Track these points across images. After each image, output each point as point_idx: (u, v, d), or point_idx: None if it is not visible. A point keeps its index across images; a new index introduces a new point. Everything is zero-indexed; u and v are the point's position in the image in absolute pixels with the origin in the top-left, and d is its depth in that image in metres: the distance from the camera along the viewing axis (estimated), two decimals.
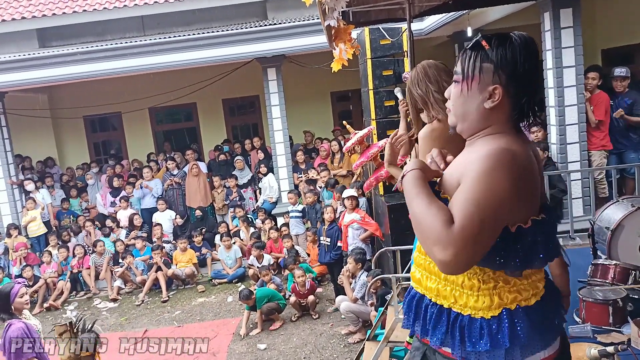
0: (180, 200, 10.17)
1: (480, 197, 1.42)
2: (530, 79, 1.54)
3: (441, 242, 1.40)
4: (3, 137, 9.77)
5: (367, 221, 6.99)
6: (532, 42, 1.55)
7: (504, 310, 1.56)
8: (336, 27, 3.88)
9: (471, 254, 1.40)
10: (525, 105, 1.56)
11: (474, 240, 1.39)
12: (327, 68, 4.81)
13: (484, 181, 1.44)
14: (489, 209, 1.41)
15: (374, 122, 6.55)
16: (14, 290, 4.12)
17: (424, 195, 1.53)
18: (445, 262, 1.40)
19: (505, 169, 1.44)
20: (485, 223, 1.41)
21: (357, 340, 5.97)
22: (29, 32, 11.11)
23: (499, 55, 1.53)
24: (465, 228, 1.39)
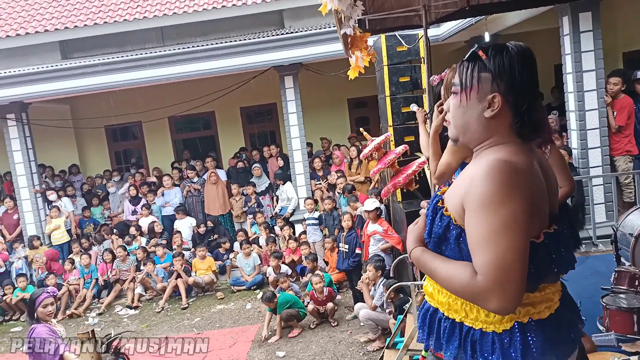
0: (200, 208, 10.24)
1: (496, 232, 1.41)
2: (528, 87, 1.54)
3: (479, 296, 1.42)
4: (27, 147, 9.96)
5: (389, 234, 6.96)
6: (528, 51, 1.56)
7: (516, 323, 1.53)
8: (352, 35, 3.89)
9: (514, 287, 1.40)
10: (525, 113, 1.54)
11: (508, 278, 1.39)
12: (344, 75, 4.82)
13: (492, 211, 1.41)
14: (509, 241, 1.40)
15: (391, 128, 6.55)
16: (40, 298, 4.21)
17: (437, 263, 1.58)
18: (497, 310, 1.42)
19: (511, 187, 1.42)
20: (509, 255, 1.40)
21: (377, 348, 5.93)
22: (51, 44, 11.36)
23: (497, 64, 1.54)
24: (490, 273, 1.40)
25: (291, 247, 8.71)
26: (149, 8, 11.41)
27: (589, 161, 6.51)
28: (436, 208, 1.65)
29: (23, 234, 9.99)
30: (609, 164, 6.59)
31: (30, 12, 11.95)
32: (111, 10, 11.57)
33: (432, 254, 1.62)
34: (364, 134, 5.27)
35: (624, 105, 6.58)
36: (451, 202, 1.58)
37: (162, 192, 10.34)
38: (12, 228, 10.14)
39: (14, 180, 10.07)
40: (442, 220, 1.61)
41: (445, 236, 1.60)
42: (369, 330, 6.21)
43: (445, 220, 1.60)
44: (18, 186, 9.96)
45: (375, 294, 6.23)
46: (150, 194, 10.32)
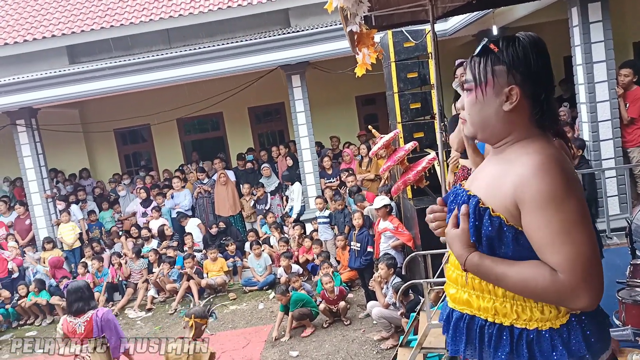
0: (210, 209, 10.26)
1: (568, 227, 1.40)
2: (544, 76, 1.52)
3: (567, 295, 1.41)
4: (37, 152, 10.02)
5: (400, 231, 6.93)
6: (540, 40, 1.53)
7: (572, 316, 1.51)
8: (359, 32, 3.86)
9: (598, 280, 1.40)
10: (544, 103, 1.51)
11: (591, 272, 1.40)
12: (351, 73, 4.79)
13: (559, 207, 1.40)
14: (582, 234, 1.40)
15: (400, 125, 6.51)
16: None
17: (504, 268, 1.51)
18: (587, 306, 1.41)
19: (569, 181, 1.41)
20: (586, 249, 1.40)
21: (390, 346, 5.91)
22: (59, 49, 11.42)
23: (510, 55, 1.50)
24: (575, 269, 1.39)
25: (306, 245, 8.70)
26: (155, 11, 11.44)
27: (601, 153, 6.43)
28: (479, 210, 1.56)
29: (35, 238, 10.06)
30: (622, 156, 6.51)
31: (37, 18, 12.02)
32: (117, 14, 11.61)
33: (493, 259, 1.54)
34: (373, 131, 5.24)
35: (637, 97, 6.48)
36: (498, 203, 1.52)
37: (172, 194, 10.36)
38: (24, 233, 10.21)
39: (25, 185, 10.13)
40: (492, 222, 1.53)
41: (499, 237, 1.53)
42: (382, 328, 6.18)
43: (496, 221, 1.53)
44: (29, 191, 10.03)
45: (387, 291, 6.20)
46: (159, 196, 10.35)
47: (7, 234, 10.03)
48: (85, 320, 4.51)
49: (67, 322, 4.59)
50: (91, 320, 4.52)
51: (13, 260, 9.56)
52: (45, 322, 8.83)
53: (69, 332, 4.54)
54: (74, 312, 4.55)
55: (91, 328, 4.49)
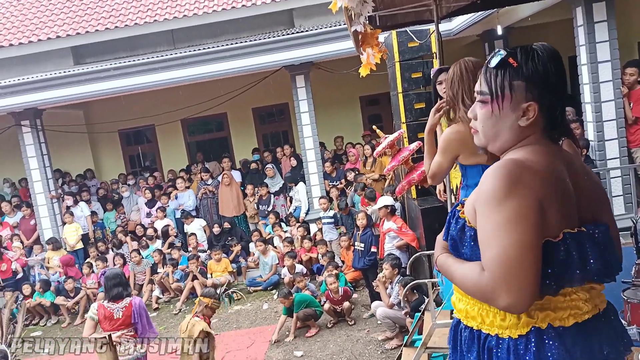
0: (214, 210, 10.27)
1: (498, 228, 1.37)
2: (562, 90, 1.51)
3: (487, 293, 1.39)
4: (42, 153, 10.05)
5: (404, 231, 6.93)
6: (556, 52, 1.51)
7: (533, 328, 1.45)
8: (363, 32, 3.87)
9: (521, 282, 1.35)
10: (559, 116, 1.52)
11: (513, 272, 1.35)
12: (356, 73, 4.80)
13: (495, 207, 1.39)
14: (511, 236, 1.36)
15: (404, 125, 6.51)
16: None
17: (454, 266, 1.57)
18: (507, 307, 1.38)
19: (514, 183, 1.38)
20: (515, 250, 1.35)
21: (394, 346, 5.90)
22: (64, 50, 11.46)
23: (530, 70, 1.48)
24: (495, 269, 1.37)
25: (306, 246, 8.69)
26: (159, 11, 11.46)
27: (606, 153, 6.41)
28: (454, 212, 1.64)
29: (40, 239, 10.09)
30: (627, 156, 6.49)
31: (42, 19, 12.07)
32: (122, 15, 11.64)
33: (453, 258, 1.61)
34: (377, 131, 5.24)
35: None
36: (467, 205, 1.58)
37: (176, 194, 10.38)
38: (29, 234, 10.24)
39: (30, 186, 10.17)
40: (457, 223, 1.59)
41: (461, 238, 1.57)
42: (387, 328, 6.18)
43: (461, 222, 1.58)
44: (34, 192, 10.06)
45: (392, 292, 6.20)
46: (164, 196, 10.38)
47: (12, 234, 10.07)
48: (124, 306, 4.60)
49: (103, 307, 4.63)
50: (130, 306, 4.62)
51: (17, 261, 9.59)
52: (50, 322, 8.87)
53: (105, 318, 4.59)
54: (113, 297, 4.63)
55: (130, 313, 4.58)
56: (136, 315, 4.60)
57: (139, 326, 4.60)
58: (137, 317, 4.60)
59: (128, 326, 4.59)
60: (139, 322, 4.60)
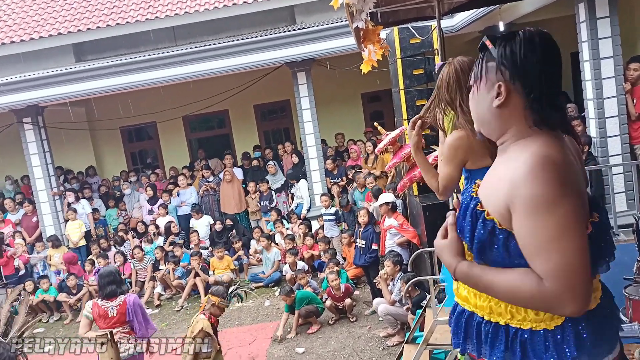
0: (216, 207, 10.28)
1: (556, 235, 1.35)
2: (537, 72, 1.46)
3: (553, 303, 1.38)
4: (44, 150, 10.06)
5: (405, 227, 6.93)
6: (540, 34, 1.48)
7: (567, 318, 1.47)
8: (364, 29, 3.86)
9: (585, 288, 1.37)
10: (534, 102, 1.47)
11: (578, 280, 1.35)
12: (357, 70, 4.78)
13: (549, 213, 1.35)
14: (571, 242, 1.35)
15: (406, 122, 6.49)
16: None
17: (492, 276, 1.49)
18: (573, 313, 1.38)
19: (561, 185, 1.36)
20: (574, 257, 1.35)
21: (396, 342, 5.91)
22: (65, 47, 11.45)
23: (500, 51, 1.50)
24: (560, 278, 1.35)
25: (307, 243, 8.70)
26: (161, 8, 11.45)
27: (608, 150, 6.39)
28: (475, 212, 1.54)
29: (42, 236, 10.11)
30: (629, 152, 6.46)
31: (43, 16, 12.06)
32: (123, 12, 11.63)
33: (481, 267, 1.53)
34: (378, 128, 5.23)
35: None
36: (492, 205, 1.50)
37: (178, 191, 10.39)
38: (31, 231, 10.26)
39: (32, 183, 10.19)
40: (485, 225, 1.51)
41: (491, 241, 1.51)
42: (388, 325, 6.18)
43: (489, 224, 1.50)
44: (36, 189, 10.07)
45: (393, 288, 6.20)
46: (165, 193, 10.39)
47: (14, 231, 10.09)
48: (118, 304, 4.58)
49: (97, 305, 4.62)
50: (124, 304, 4.59)
51: (19, 258, 9.61)
52: (53, 319, 8.89)
53: (99, 316, 4.58)
54: (107, 295, 4.61)
55: (124, 311, 4.56)
56: (131, 313, 4.57)
57: (134, 324, 4.57)
58: (132, 314, 4.58)
59: (123, 324, 4.58)
60: (134, 320, 4.57)
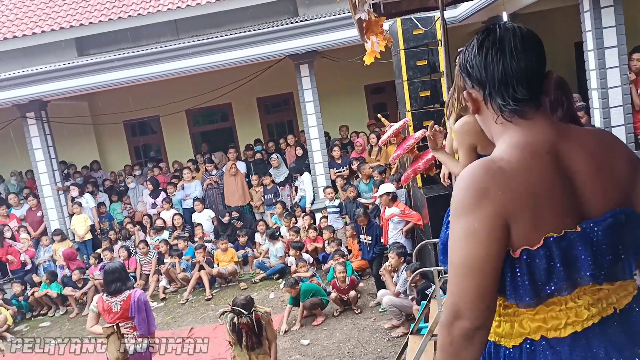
0: (220, 200, 10.29)
1: (452, 247, 1.35)
2: (480, 69, 1.40)
3: (447, 316, 1.35)
4: (47, 145, 10.08)
5: (407, 213, 6.94)
6: (484, 31, 1.44)
7: (527, 339, 1.38)
8: (367, 20, 3.84)
9: (471, 305, 1.31)
10: (489, 98, 1.41)
11: (462, 295, 1.32)
12: (360, 61, 4.77)
13: (456, 221, 1.35)
14: (462, 254, 1.32)
15: (409, 113, 6.48)
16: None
17: None
18: (464, 329, 1.32)
19: (475, 197, 1.31)
20: (462, 269, 1.32)
21: (401, 334, 5.93)
22: (67, 41, 11.45)
23: (459, 60, 1.50)
24: (450, 292, 1.34)
25: (311, 236, 8.71)
26: (163, 1, 11.42)
27: None
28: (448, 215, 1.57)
29: (47, 230, 10.15)
30: (634, 142, 6.44)
31: (45, 10, 12.05)
32: (125, 5, 11.61)
33: None
34: (382, 120, 5.22)
35: None
36: None
37: (182, 185, 10.41)
38: (36, 225, 10.30)
39: (36, 178, 10.22)
40: (447, 228, 1.51)
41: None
42: (393, 316, 6.20)
43: None
44: (40, 184, 10.11)
45: (398, 280, 6.21)
46: (170, 187, 10.40)
47: (18, 226, 10.13)
48: (122, 300, 4.56)
49: (102, 300, 4.63)
50: (129, 300, 4.56)
51: (26, 252, 9.66)
52: (59, 313, 8.93)
53: (104, 311, 4.59)
54: (112, 291, 4.60)
55: (127, 307, 4.54)
56: (134, 309, 4.54)
57: (135, 320, 4.55)
58: (135, 310, 4.55)
59: (126, 319, 4.56)
60: (136, 316, 4.54)
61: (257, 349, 4.63)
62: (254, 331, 4.58)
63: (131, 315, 4.56)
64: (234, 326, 4.61)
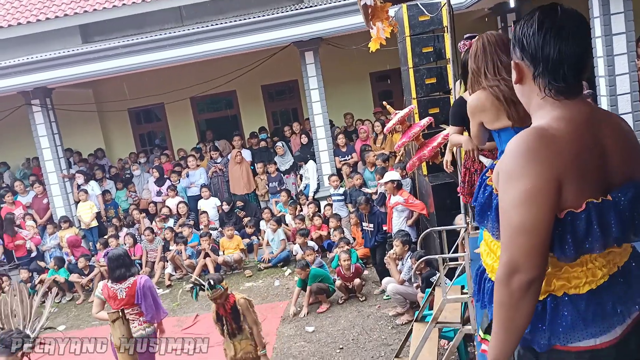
0: (225, 187, 10.30)
1: (508, 208, 1.46)
2: (536, 47, 1.50)
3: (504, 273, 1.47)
4: (53, 132, 10.09)
5: (411, 202, 6.93)
6: (542, 10, 1.53)
7: (550, 296, 1.56)
8: (373, 6, 3.80)
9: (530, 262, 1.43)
10: (539, 75, 1.52)
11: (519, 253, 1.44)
12: (365, 48, 4.73)
13: (509, 186, 1.45)
14: (521, 216, 1.43)
15: (415, 100, 6.45)
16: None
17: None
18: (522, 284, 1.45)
19: (530, 161, 1.43)
20: (523, 231, 1.43)
21: (405, 321, 5.94)
22: (71, 28, 11.41)
23: (513, 32, 1.59)
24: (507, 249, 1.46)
25: (316, 223, 8.71)
26: None
27: None
28: (484, 180, 1.73)
29: (53, 217, 10.19)
30: None
31: None
32: None
33: None
34: (387, 107, 5.20)
35: None
36: (495, 173, 1.62)
37: (187, 172, 10.42)
38: (42, 212, 10.34)
39: (41, 165, 10.25)
40: (485, 190, 1.71)
41: (488, 205, 1.69)
42: (397, 304, 6.21)
43: (488, 190, 1.69)
44: (46, 171, 10.14)
45: (402, 268, 6.21)
46: (174, 174, 10.41)
47: (24, 213, 10.17)
48: (127, 286, 4.56)
49: (107, 287, 4.64)
50: (134, 286, 4.56)
51: (31, 240, 9.72)
52: (65, 299, 9.01)
53: (109, 298, 4.61)
54: (116, 278, 4.61)
55: (133, 294, 4.54)
56: (140, 296, 4.55)
57: (142, 307, 4.56)
58: (141, 297, 4.55)
59: (132, 306, 4.57)
60: (143, 303, 4.55)
61: (238, 335, 4.67)
62: (233, 317, 4.62)
63: (137, 302, 4.56)
64: (217, 315, 4.67)
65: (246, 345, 4.68)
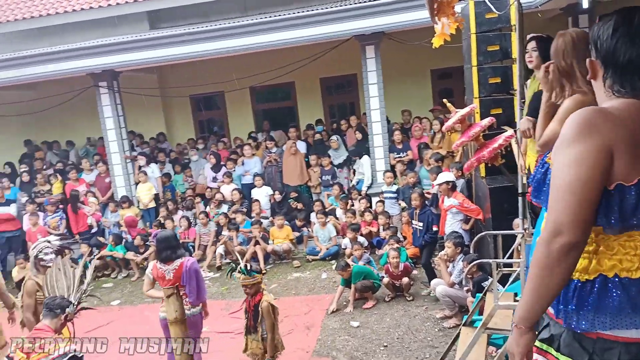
0: (278, 178, 10.40)
1: (559, 171, 1.51)
2: (608, 49, 1.56)
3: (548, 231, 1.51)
4: (118, 115, 10.46)
5: (466, 206, 6.77)
6: (619, 13, 1.56)
7: (600, 276, 1.57)
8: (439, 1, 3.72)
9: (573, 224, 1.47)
10: (609, 76, 1.58)
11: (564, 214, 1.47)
12: (427, 44, 4.62)
13: (562, 151, 1.51)
14: (569, 176, 1.48)
15: (477, 100, 6.29)
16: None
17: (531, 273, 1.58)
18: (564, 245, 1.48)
19: (583, 129, 1.48)
20: (569, 190, 1.47)
21: (453, 325, 5.83)
22: (140, 14, 11.76)
23: (591, 32, 1.64)
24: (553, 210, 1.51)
25: (367, 219, 8.67)
26: None
27: None
28: (544, 158, 1.83)
29: (114, 196, 10.58)
30: None
31: None
32: None
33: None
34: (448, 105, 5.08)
35: None
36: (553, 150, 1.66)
37: (243, 161, 10.57)
38: (104, 191, 10.77)
39: (105, 145, 10.65)
40: (542, 167, 1.78)
41: (543, 180, 1.76)
42: (446, 306, 6.10)
43: (545, 166, 1.77)
44: (110, 152, 10.53)
45: (453, 270, 6.09)
46: (230, 162, 10.59)
47: (87, 190, 10.61)
48: (175, 268, 4.70)
49: (156, 268, 4.80)
50: (181, 268, 4.70)
51: (93, 216, 10.13)
52: (121, 276, 9.35)
53: (158, 278, 4.77)
54: (162, 259, 4.76)
55: (179, 275, 4.67)
56: (185, 277, 4.67)
57: (187, 288, 4.67)
58: (187, 279, 4.67)
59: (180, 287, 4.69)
60: (187, 285, 4.67)
61: (252, 333, 4.79)
62: (253, 315, 4.75)
63: (183, 283, 4.69)
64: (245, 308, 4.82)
65: (255, 347, 4.81)
